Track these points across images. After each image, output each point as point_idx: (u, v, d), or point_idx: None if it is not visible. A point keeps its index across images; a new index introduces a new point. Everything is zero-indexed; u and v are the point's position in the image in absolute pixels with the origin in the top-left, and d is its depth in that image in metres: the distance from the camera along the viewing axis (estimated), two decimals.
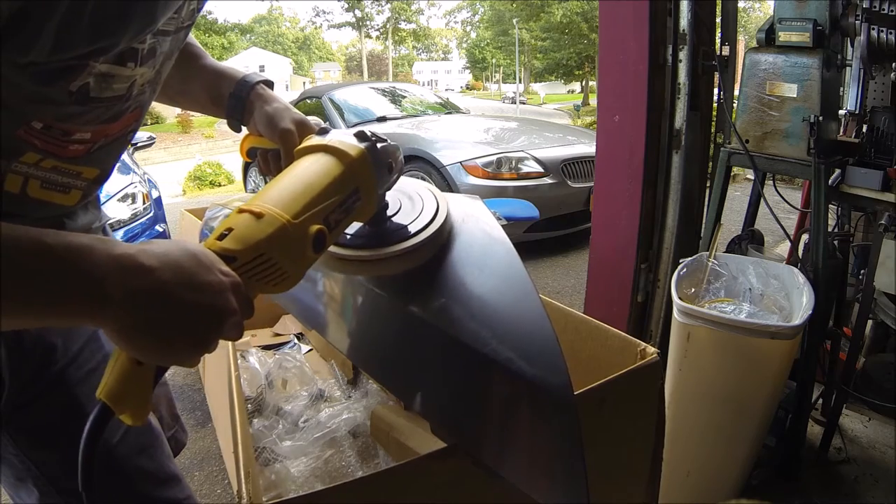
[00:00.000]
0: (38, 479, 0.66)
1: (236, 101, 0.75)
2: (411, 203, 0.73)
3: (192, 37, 0.82)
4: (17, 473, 0.67)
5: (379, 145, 0.62)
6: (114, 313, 0.42)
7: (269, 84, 0.78)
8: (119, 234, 2.68)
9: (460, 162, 3.79)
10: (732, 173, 1.89)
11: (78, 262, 0.41)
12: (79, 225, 0.71)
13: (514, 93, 30.07)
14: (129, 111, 0.63)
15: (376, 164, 0.61)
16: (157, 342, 0.44)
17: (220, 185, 10.31)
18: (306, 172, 0.56)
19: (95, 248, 0.42)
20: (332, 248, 0.69)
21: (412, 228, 0.69)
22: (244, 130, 0.79)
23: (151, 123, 20.95)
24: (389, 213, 0.71)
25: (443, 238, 0.70)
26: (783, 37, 1.52)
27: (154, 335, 0.44)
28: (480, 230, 0.72)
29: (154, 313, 0.43)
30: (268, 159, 0.76)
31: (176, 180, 10.48)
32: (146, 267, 0.43)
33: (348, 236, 0.70)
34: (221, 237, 0.49)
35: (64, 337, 0.66)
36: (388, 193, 0.69)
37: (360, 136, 0.60)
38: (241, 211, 0.51)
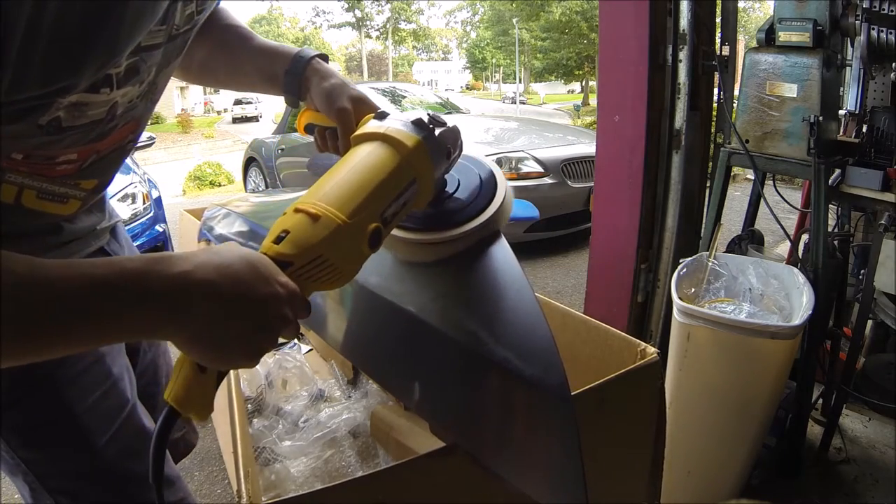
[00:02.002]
0: (27, 475, 0.67)
1: (292, 77, 0.73)
2: (468, 180, 0.70)
3: (236, 19, 0.81)
4: (9, 468, 0.69)
5: (438, 132, 0.59)
6: (176, 329, 0.44)
7: (325, 58, 0.75)
8: None
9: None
10: (732, 173, 1.89)
11: (142, 292, 0.42)
12: (79, 228, 0.70)
13: (514, 93, 30.06)
14: (118, 128, 0.61)
15: (434, 153, 0.59)
16: (218, 351, 0.46)
17: (220, 185, 10.31)
18: (362, 166, 0.55)
19: (151, 274, 0.43)
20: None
21: (471, 210, 0.66)
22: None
23: (152, 123, 20.95)
24: (448, 191, 0.68)
25: (498, 221, 0.67)
26: (783, 37, 1.52)
27: (215, 345, 0.45)
28: None
29: (215, 326, 0.44)
30: (325, 137, 0.73)
31: (176, 180, 10.48)
32: (207, 282, 0.44)
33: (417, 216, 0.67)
34: (278, 240, 0.49)
35: None
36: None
37: (418, 123, 0.58)
38: (297, 210, 0.50)
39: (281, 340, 0.58)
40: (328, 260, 0.50)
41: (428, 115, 0.60)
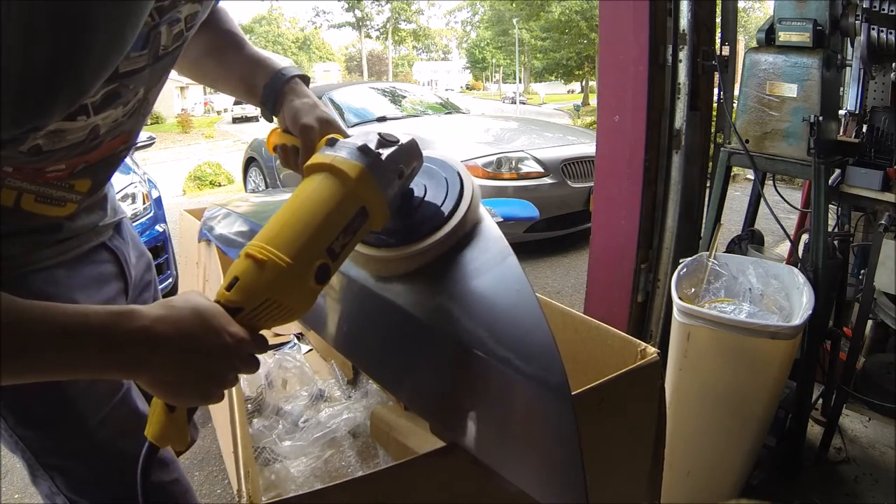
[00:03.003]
0: (25, 452, 0.71)
1: (270, 92, 0.76)
2: (436, 185, 0.71)
3: (233, 22, 0.84)
4: (8, 445, 0.72)
5: (384, 155, 0.60)
6: (136, 375, 0.51)
7: (305, 79, 0.78)
8: None
9: (460, 162, 3.79)
10: (732, 173, 1.89)
11: (106, 344, 0.48)
12: (79, 225, 0.71)
13: (514, 93, 30.06)
14: (105, 143, 0.63)
15: (381, 178, 0.59)
16: (175, 394, 0.53)
17: (220, 185, 10.30)
18: (308, 202, 0.57)
19: (114, 328, 0.49)
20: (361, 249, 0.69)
21: (441, 214, 0.67)
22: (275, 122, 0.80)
23: (151, 123, 20.95)
24: (416, 198, 0.70)
25: (466, 228, 0.68)
26: (783, 37, 1.52)
27: (172, 389, 0.52)
28: (476, 229, 0.71)
29: (170, 374, 0.51)
30: (288, 154, 0.75)
31: (176, 180, 10.48)
32: (162, 336, 0.50)
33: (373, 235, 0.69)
34: (230, 286, 0.53)
35: None
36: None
37: (363, 150, 0.59)
38: (247, 255, 0.54)
39: (282, 338, 0.59)
40: (276, 301, 0.53)
41: (378, 136, 0.61)
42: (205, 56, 0.81)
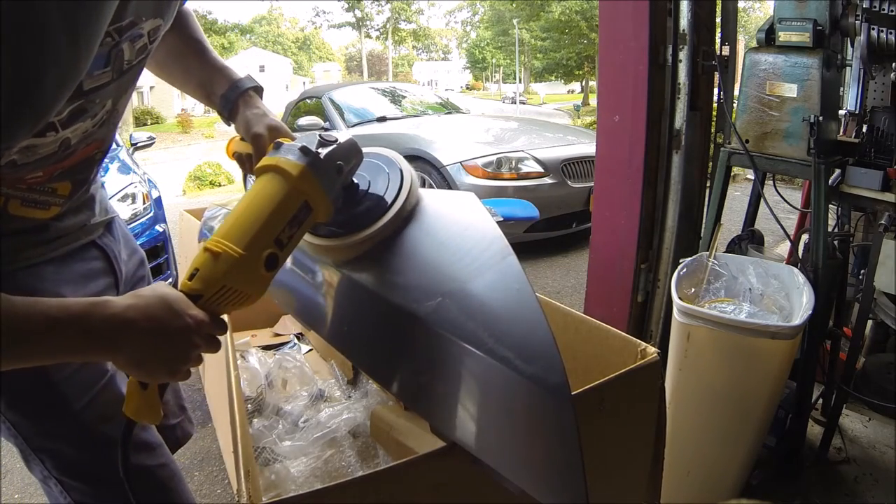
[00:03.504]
0: (17, 437, 0.76)
1: (225, 101, 0.83)
2: (378, 175, 0.78)
3: (197, 27, 0.89)
4: (1, 430, 0.75)
5: (323, 154, 0.66)
6: (113, 355, 0.58)
7: (259, 90, 0.85)
8: None
9: (460, 162, 3.79)
10: (732, 173, 1.89)
11: (84, 329, 0.55)
12: (66, 225, 0.75)
13: (514, 93, 30.05)
14: (78, 150, 0.68)
15: (322, 174, 0.66)
16: (145, 371, 0.59)
17: (220, 185, 10.31)
18: (256, 199, 0.64)
19: (91, 315, 0.55)
20: (312, 240, 0.77)
21: (378, 207, 0.74)
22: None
23: (151, 123, 20.95)
24: (360, 190, 0.77)
25: (409, 208, 0.75)
26: (783, 37, 1.52)
27: (142, 366, 0.59)
28: (476, 228, 0.72)
29: (140, 352, 0.58)
30: (243, 161, 0.83)
31: (176, 180, 10.48)
32: (131, 320, 0.56)
33: (323, 226, 0.76)
34: (191, 277, 0.60)
35: None
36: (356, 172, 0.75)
37: (304, 150, 0.65)
38: (205, 249, 0.60)
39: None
40: (232, 287, 0.61)
41: (318, 137, 0.67)
42: (169, 60, 0.87)
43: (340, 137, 0.69)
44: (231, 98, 0.82)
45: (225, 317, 0.65)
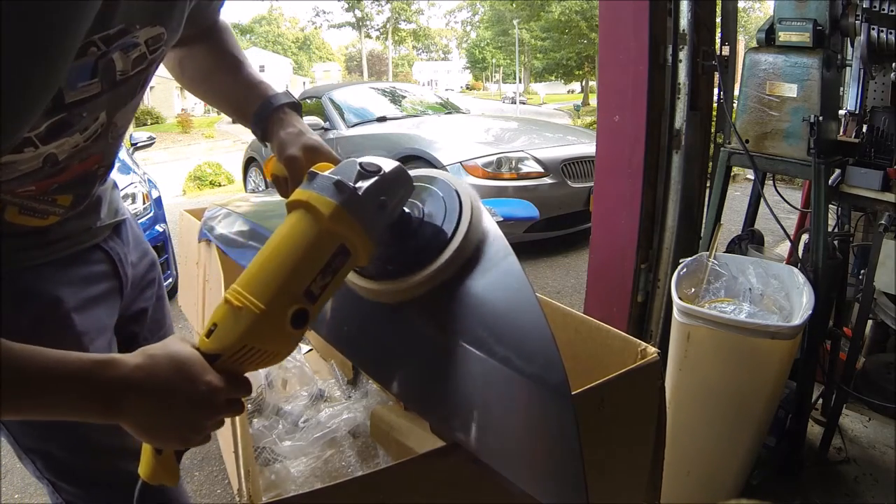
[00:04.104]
0: (9, 436, 0.74)
1: (258, 120, 0.76)
2: (433, 204, 0.68)
3: (233, 42, 0.84)
4: None
5: (363, 189, 0.57)
6: (115, 419, 0.52)
7: (296, 107, 0.77)
8: None
9: (460, 162, 3.79)
10: (732, 173, 1.89)
11: (84, 391, 0.50)
12: (68, 229, 0.72)
13: (514, 93, 30.05)
14: (72, 166, 0.64)
15: (361, 213, 0.56)
16: (154, 438, 0.55)
17: (220, 185, 10.31)
18: (283, 244, 0.56)
19: (92, 376, 0.50)
20: (356, 280, 0.68)
21: (436, 246, 0.64)
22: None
23: (151, 123, 20.96)
24: (413, 221, 0.67)
25: (470, 249, 0.65)
26: (783, 37, 1.52)
27: (150, 433, 0.54)
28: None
29: (147, 419, 0.53)
30: (281, 185, 0.75)
31: (176, 180, 10.48)
32: (137, 385, 0.51)
33: (374, 265, 0.66)
34: (209, 333, 0.54)
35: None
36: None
37: (339, 185, 0.56)
38: (226, 300, 0.54)
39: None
40: (254, 347, 0.54)
41: (358, 168, 0.58)
42: (201, 78, 0.83)
43: (385, 166, 0.59)
44: (263, 116, 0.75)
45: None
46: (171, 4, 0.64)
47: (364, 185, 0.57)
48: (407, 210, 0.65)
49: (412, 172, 0.65)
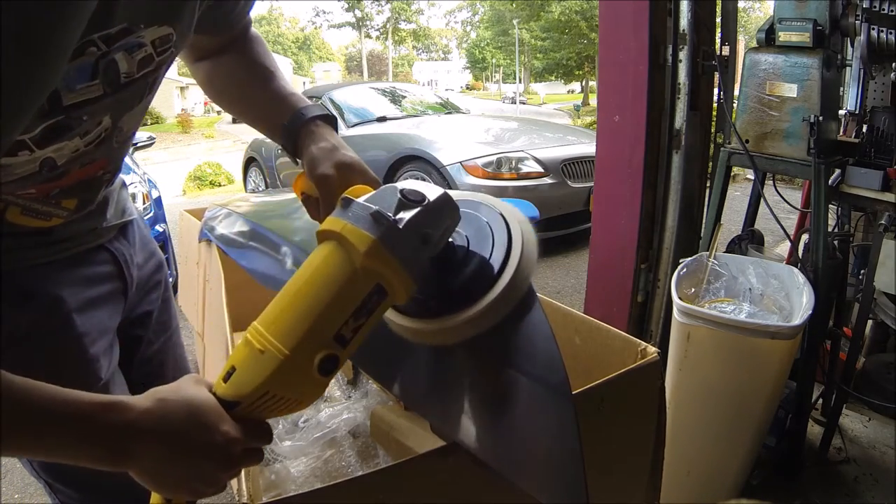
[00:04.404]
0: None
1: (288, 134, 0.70)
2: (476, 233, 0.59)
3: (264, 52, 0.79)
4: None
5: (404, 222, 0.50)
6: (121, 466, 0.48)
7: (330, 119, 0.71)
8: None
9: (460, 162, 3.79)
10: (732, 173, 1.89)
11: (87, 434, 0.46)
12: (72, 230, 0.70)
13: (514, 93, 30.06)
14: (73, 171, 0.62)
15: (400, 248, 0.50)
16: (162, 488, 0.51)
17: (220, 185, 10.31)
18: (311, 282, 0.50)
19: (98, 420, 0.46)
20: (394, 318, 0.60)
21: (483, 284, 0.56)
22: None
23: (151, 123, 20.95)
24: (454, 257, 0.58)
25: (523, 280, 0.56)
26: (783, 37, 1.52)
27: (159, 483, 0.50)
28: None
29: (156, 468, 0.49)
30: (310, 205, 0.69)
31: (176, 180, 10.48)
32: (147, 432, 0.48)
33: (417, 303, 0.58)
34: (227, 376, 0.50)
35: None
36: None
37: (377, 217, 0.49)
38: (246, 342, 0.50)
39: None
40: (276, 395, 0.49)
41: (399, 196, 0.51)
42: (229, 89, 0.79)
43: (429, 194, 0.52)
44: (294, 129, 0.69)
45: (226, 316, 0.56)
46: (179, 3, 0.60)
47: (406, 216, 0.50)
48: (452, 240, 0.57)
49: (455, 195, 0.56)
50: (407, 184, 0.53)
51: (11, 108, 0.45)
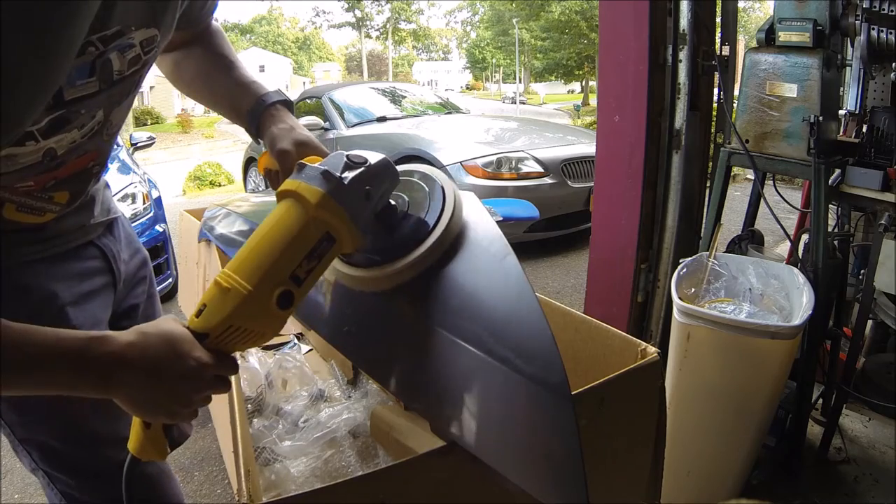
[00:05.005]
0: (4, 427, 0.76)
1: (252, 117, 0.79)
2: (418, 194, 0.72)
3: (226, 44, 0.87)
4: None
5: (348, 178, 0.60)
6: (109, 393, 0.55)
7: (288, 104, 0.81)
8: None
9: (460, 162, 3.79)
10: (732, 173, 1.89)
11: (78, 366, 0.53)
12: (64, 226, 0.75)
13: (514, 93, 30.07)
14: (69, 161, 0.67)
15: (346, 201, 0.59)
16: (145, 412, 0.57)
17: (220, 185, 10.31)
18: (271, 229, 0.59)
19: (87, 352, 0.53)
20: (342, 268, 0.71)
21: (421, 230, 0.68)
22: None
23: (151, 123, 20.95)
24: (398, 211, 0.70)
25: (454, 233, 0.69)
26: (783, 37, 1.52)
27: (141, 407, 0.57)
28: (476, 228, 0.72)
29: (138, 394, 0.55)
30: (273, 179, 0.78)
31: (176, 180, 10.48)
32: (130, 360, 0.54)
33: (358, 255, 0.69)
34: (199, 313, 0.57)
35: None
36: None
37: (326, 175, 0.59)
38: (215, 282, 0.57)
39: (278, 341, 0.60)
40: (241, 327, 0.57)
41: (345, 159, 0.61)
42: (196, 79, 0.86)
43: (371, 158, 0.63)
44: (257, 113, 0.79)
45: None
46: (164, 6, 0.66)
47: (350, 175, 0.60)
48: (392, 202, 0.69)
49: (400, 167, 0.69)
50: (353, 151, 0.63)
51: (27, 100, 0.51)
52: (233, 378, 0.96)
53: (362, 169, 0.61)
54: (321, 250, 0.60)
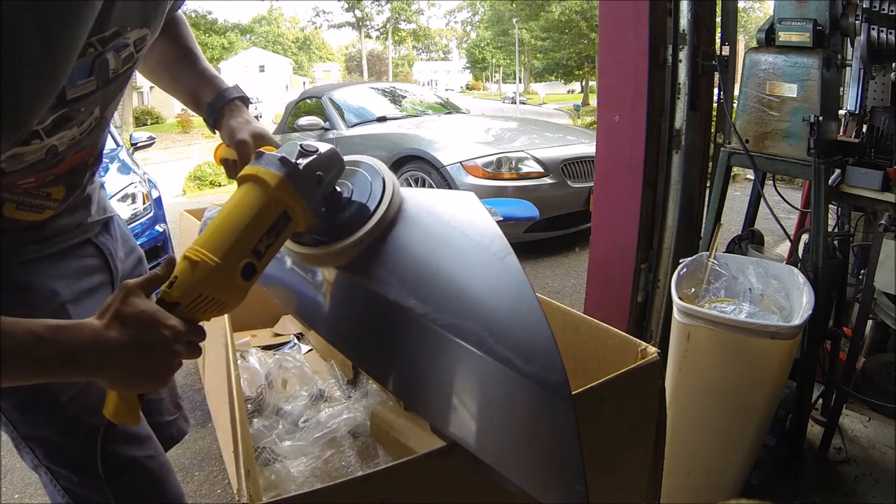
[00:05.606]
0: (7, 425, 0.78)
1: (211, 109, 0.85)
2: (361, 182, 0.79)
3: (190, 35, 0.91)
4: None
5: (303, 164, 0.67)
6: (97, 377, 0.58)
7: (245, 101, 0.87)
8: None
9: (460, 162, 3.79)
10: (732, 173, 1.89)
11: (63, 347, 0.55)
12: (62, 224, 0.77)
13: (514, 93, 30.07)
14: (68, 157, 0.70)
15: (301, 184, 0.66)
16: (123, 385, 0.60)
17: (220, 185, 10.30)
18: (234, 210, 0.65)
19: (69, 331, 0.56)
20: (298, 249, 0.77)
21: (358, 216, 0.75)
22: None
23: (151, 123, 20.96)
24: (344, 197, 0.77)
25: (393, 212, 0.76)
26: (783, 37, 1.52)
27: (126, 384, 0.60)
28: (475, 227, 0.72)
29: (123, 372, 0.58)
30: (229, 167, 0.84)
31: (176, 180, 10.48)
32: (111, 340, 0.57)
33: (311, 235, 0.77)
34: (170, 285, 0.62)
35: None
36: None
37: (283, 161, 0.66)
38: (184, 257, 0.62)
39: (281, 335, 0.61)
40: (209, 296, 0.62)
41: (299, 147, 0.68)
42: (160, 67, 0.89)
43: (321, 148, 0.70)
44: (217, 107, 0.84)
45: (226, 317, 0.64)
46: (156, 6, 0.71)
47: (304, 161, 0.67)
48: (339, 189, 0.76)
49: (347, 158, 0.77)
50: (305, 141, 0.70)
51: (42, 99, 0.54)
52: (233, 378, 0.97)
53: (315, 156, 0.69)
54: (279, 227, 0.66)
